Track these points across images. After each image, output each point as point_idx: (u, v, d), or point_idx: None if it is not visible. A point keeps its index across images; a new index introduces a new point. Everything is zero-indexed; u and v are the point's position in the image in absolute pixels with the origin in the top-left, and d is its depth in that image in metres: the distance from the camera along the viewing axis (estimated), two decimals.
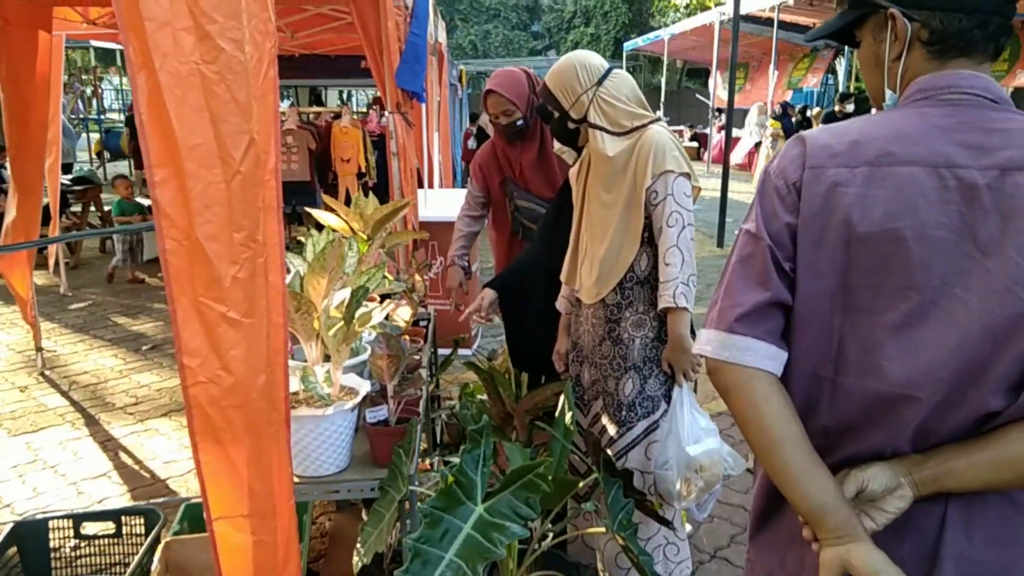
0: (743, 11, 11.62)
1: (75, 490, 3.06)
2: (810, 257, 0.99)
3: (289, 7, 5.11)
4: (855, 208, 0.96)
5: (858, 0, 1.05)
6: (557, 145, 2.34)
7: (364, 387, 1.84)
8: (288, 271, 2.05)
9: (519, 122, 2.55)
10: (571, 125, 2.08)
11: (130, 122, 10.45)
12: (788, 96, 17.49)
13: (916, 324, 0.94)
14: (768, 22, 13.10)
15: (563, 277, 2.26)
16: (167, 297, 1.31)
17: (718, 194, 8.40)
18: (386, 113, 3.92)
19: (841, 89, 12.97)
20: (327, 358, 1.82)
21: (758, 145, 15.21)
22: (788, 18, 13.38)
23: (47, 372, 4.39)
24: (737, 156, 17.47)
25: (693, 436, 1.89)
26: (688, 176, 1.97)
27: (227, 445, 1.37)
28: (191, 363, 1.32)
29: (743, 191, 13.22)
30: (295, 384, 1.77)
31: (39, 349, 4.46)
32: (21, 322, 4.67)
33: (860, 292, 0.97)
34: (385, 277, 2.88)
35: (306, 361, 1.84)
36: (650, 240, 2.01)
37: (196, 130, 1.27)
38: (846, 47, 12.24)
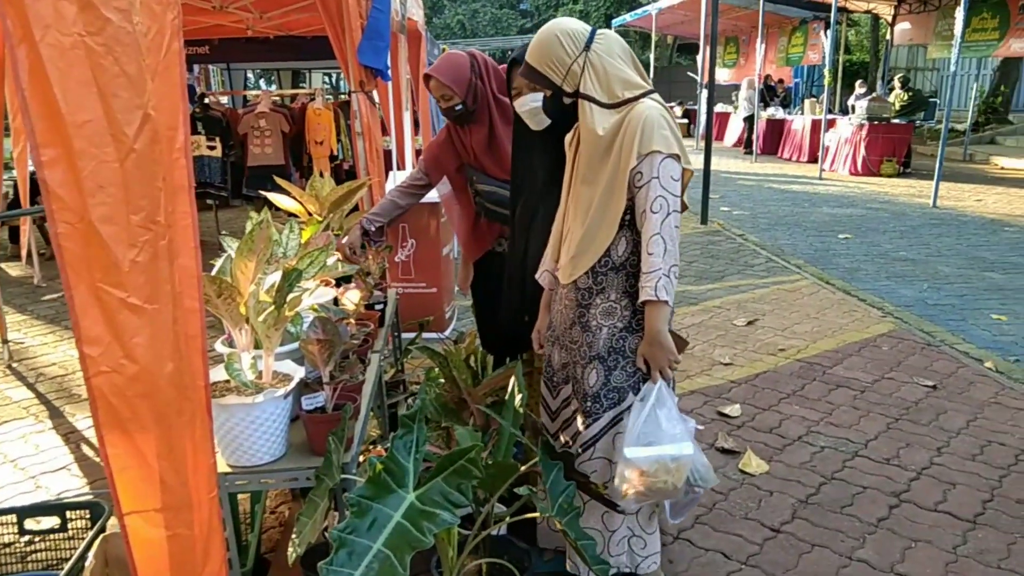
0: None
1: (34, 484, 3.01)
2: None
3: None
4: None
5: None
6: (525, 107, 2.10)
7: (299, 373, 1.78)
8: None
9: (457, 107, 2.53)
10: (567, 100, 1.90)
11: None
12: (786, 72, 17.24)
13: None
14: None
15: (549, 250, 2.13)
16: (63, 284, 1.24)
17: (703, 168, 8.31)
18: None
19: (828, 63, 12.77)
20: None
21: (749, 119, 15.09)
22: None
23: (14, 364, 4.32)
24: (733, 134, 17.35)
25: (645, 438, 1.75)
26: (677, 158, 1.78)
27: (135, 436, 1.31)
28: (92, 352, 1.26)
29: (734, 168, 13.13)
30: (222, 372, 1.71)
31: (5, 341, 4.39)
32: None
33: None
34: (339, 260, 2.81)
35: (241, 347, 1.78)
36: (631, 224, 1.86)
37: (84, 106, 1.20)
38: (831, 19, 12.05)
